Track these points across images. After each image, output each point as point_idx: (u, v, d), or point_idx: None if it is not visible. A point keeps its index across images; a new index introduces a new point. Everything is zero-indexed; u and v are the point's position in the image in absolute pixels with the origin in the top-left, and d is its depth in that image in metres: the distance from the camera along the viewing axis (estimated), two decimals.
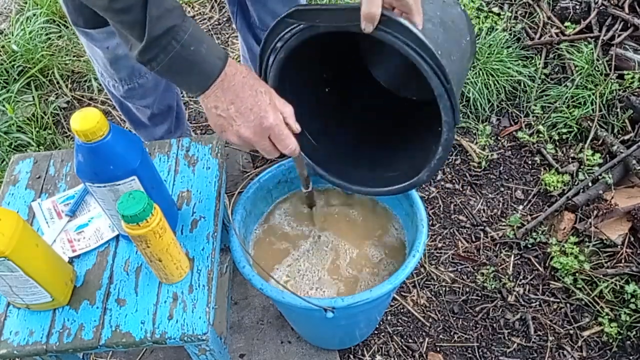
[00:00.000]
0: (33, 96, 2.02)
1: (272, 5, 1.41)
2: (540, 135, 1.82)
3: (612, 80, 1.82)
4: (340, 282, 1.17)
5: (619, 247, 1.54)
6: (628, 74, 1.81)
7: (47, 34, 2.20)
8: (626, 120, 1.77)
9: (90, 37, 1.26)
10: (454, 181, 1.76)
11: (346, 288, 1.16)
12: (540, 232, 1.61)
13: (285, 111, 0.92)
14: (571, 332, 1.45)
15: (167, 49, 0.80)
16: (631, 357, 1.40)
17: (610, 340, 1.43)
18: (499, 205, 1.70)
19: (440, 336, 1.46)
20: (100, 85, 2.05)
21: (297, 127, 0.94)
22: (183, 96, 2.04)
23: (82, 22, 1.22)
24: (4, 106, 1.95)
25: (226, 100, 0.87)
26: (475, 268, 1.57)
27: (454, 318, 1.49)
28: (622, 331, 1.42)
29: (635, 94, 1.77)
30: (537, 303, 1.51)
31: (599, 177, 1.65)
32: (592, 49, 1.90)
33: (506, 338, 1.46)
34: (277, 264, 1.19)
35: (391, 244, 1.22)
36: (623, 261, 1.52)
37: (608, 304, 1.47)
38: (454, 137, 0.95)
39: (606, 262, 1.53)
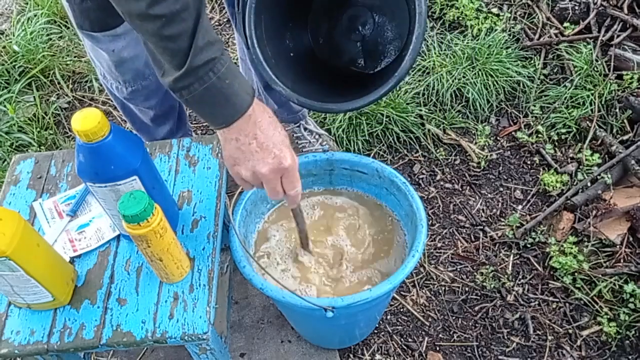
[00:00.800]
0: (34, 96, 2.02)
1: None
2: (540, 135, 1.82)
3: (611, 81, 1.83)
4: (337, 281, 1.17)
5: (617, 246, 1.55)
6: (627, 74, 1.82)
7: (48, 35, 2.20)
8: (625, 121, 1.78)
9: (96, 40, 1.25)
10: (453, 181, 1.76)
11: (344, 287, 1.16)
12: (539, 232, 1.62)
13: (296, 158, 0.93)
14: (570, 331, 1.46)
15: (203, 79, 0.80)
16: (630, 357, 1.40)
17: (609, 340, 1.43)
18: (498, 205, 1.71)
19: (440, 335, 1.47)
20: (101, 85, 2.05)
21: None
22: None
23: (88, 26, 1.21)
24: (5, 106, 1.95)
25: (250, 134, 0.86)
26: (475, 268, 1.58)
27: (454, 317, 1.50)
28: (621, 330, 1.42)
29: (634, 94, 1.77)
30: (536, 302, 1.51)
31: (598, 177, 1.65)
32: (591, 50, 1.91)
33: (505, 337, 1.46)
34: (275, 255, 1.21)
35: (391, 243, 1.22)
36: (622, 261, 1.53)
37: (607, 304, 1.47)
38: (427, 11, 0.96)
39: (605, 262, 1.53)
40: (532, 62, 1.97)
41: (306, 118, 1.75)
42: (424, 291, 1.54)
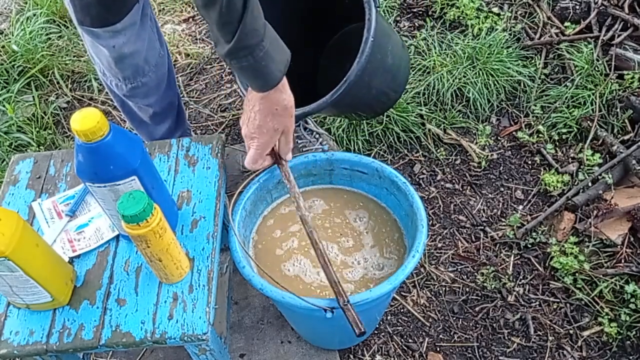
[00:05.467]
0: (33, 96, 2.02)
1: None
2: (540, 135, 1.82)
3: (612, 81, 1.82)
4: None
5: (618, 247, 1.54)
6: (628, 74, 1.81)
7: (47, 34, 2.20)
8: (626, 120, 1.78)
9: (96, 36, 1.25)
10: (453, 181, 1.76)
11: (344, 287, 1.16)
12: (540, 232, 1.61)
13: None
14: (571, 332, 1.45)
15: (242, 60, 0.96)
16: (631, 357, 1.40)
17: (610, 340, 1.43)
18: (498, 205, 1.70)
19: (440, 336, 1.47)
20: (100, 85, 2.05)
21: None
22: (183, 96, 2.04)
23: (89, 21, 1.21)
24: (4, 106, 1.95)
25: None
26: (475, 268, 1.58)
27: (454, 318, 1.49)
28: (621, 331, 1.42)
29: (635, 94, 1.77)
30: (537, 303, 1.51)
31: (599, 177, 1.65)
32: (592, 49, 1.90)
33: (506, 338, 1.46)
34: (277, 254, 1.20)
35: (391, 243, 1.22)
36: (623, 261, 1.52)
37: (608, 304, 1.47)
38: (376, 18, 1.10)
39: (606, 262, 1.53)
40: (533, 61, 1.97)
41: (306, 117, 1.75)
42: (424, 292, 1.54)
